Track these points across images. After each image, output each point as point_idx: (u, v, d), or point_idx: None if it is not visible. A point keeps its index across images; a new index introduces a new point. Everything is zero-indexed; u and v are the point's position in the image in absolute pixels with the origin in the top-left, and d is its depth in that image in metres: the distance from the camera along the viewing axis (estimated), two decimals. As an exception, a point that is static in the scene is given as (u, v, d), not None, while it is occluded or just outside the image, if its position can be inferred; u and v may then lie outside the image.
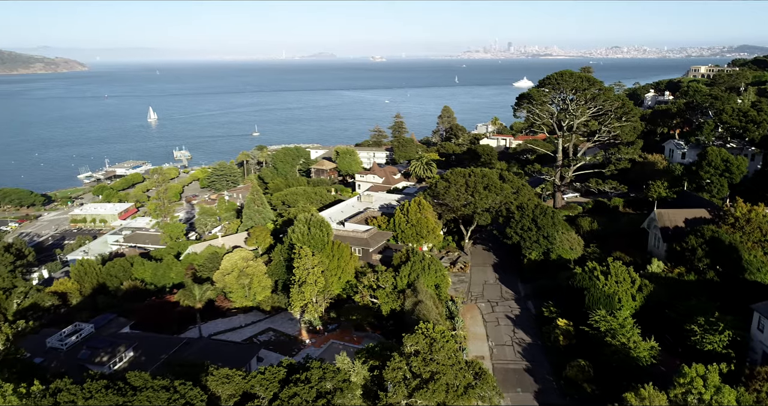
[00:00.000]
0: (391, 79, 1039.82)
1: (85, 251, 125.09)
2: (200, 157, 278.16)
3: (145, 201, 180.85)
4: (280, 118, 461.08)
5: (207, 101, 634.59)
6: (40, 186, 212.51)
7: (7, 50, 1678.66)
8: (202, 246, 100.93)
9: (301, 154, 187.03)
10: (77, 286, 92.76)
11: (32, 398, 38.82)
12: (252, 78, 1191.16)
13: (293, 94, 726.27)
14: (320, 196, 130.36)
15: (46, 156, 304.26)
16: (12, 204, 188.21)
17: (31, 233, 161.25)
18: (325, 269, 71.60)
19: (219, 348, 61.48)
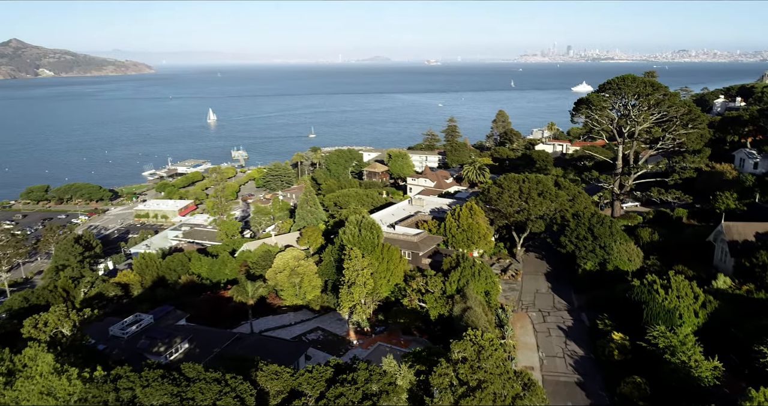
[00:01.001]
0: (445, 82, 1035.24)
1: (147, 244, 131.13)
2: (257, 158, 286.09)
3: (204, 199, 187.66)
4: (334, 120, 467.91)
5: (264, 103, 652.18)
6: (108, 182, 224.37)
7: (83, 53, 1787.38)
8: (256, 244, 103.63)
9: (354, 157, 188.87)
10: (139, 278, 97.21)
11: (95, 383, 40.86)
12: (309, 81, 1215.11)
13: (348, 97, 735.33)
14: (371, 198, 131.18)
15: (114, 154, 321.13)
16: (82, 198, 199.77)
17: (99, 226, 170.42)
18: (375, 271, 71.91)
19: (269, 344, 62.82)
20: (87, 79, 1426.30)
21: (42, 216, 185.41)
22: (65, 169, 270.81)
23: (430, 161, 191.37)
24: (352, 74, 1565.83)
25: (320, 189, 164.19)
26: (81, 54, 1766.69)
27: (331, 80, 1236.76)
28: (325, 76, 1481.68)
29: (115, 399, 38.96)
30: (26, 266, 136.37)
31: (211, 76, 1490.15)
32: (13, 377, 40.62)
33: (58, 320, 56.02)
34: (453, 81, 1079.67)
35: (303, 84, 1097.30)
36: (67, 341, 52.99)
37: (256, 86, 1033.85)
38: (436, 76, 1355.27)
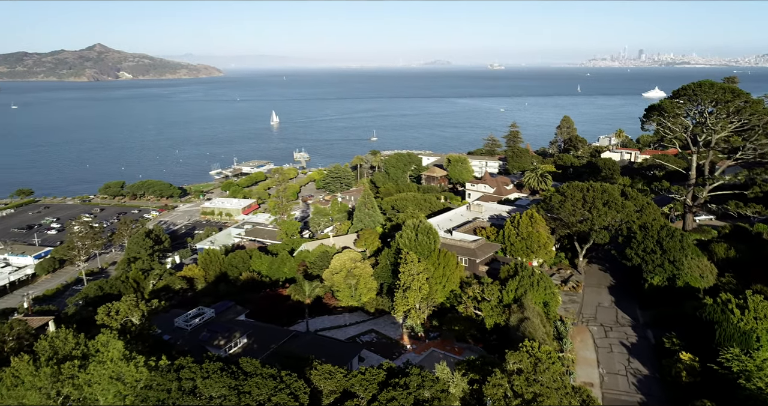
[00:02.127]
0: (508, 87, 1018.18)
1: (211, 241, 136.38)
2: (317, 160, 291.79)
3: (266, 198, 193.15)
4: (394, 124, 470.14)
5: (327, 106, 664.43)
6: (178, 180, 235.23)
7: (158, 57, 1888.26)
8: (314, 244, 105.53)
9: (413, 161, 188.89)
10: (203, 273, 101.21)
11: (159, 371, 42.82)
12: (370, 84, 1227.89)
13: (408, 101, 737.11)
14: (429, 203, 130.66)
15: (184, 153, 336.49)
16: (154, 194, 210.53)
17: (168, 222, 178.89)
18: (430, 276, 71.53)
19: (324, 344, 63.74)
20: (162, 81, 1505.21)
21: (117, 210, 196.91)
22: (139, 166, 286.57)
23: (490, 167, 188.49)
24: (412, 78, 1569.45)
25: (378, 192, 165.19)
26: (157, 58, 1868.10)
27: (391, 84, 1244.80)
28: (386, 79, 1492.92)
29: (177, 388, 40.63)
30: (102, 256, 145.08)
31: (276, 80, 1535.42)
32: (87, 360, 43.27)
33: (129, 309, 59.16)
34: (516, 86, 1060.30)
35: (364, 88, 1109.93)
36: (136, 330, 55.83)
37: (318, 90, 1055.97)
38: (498, 80, 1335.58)
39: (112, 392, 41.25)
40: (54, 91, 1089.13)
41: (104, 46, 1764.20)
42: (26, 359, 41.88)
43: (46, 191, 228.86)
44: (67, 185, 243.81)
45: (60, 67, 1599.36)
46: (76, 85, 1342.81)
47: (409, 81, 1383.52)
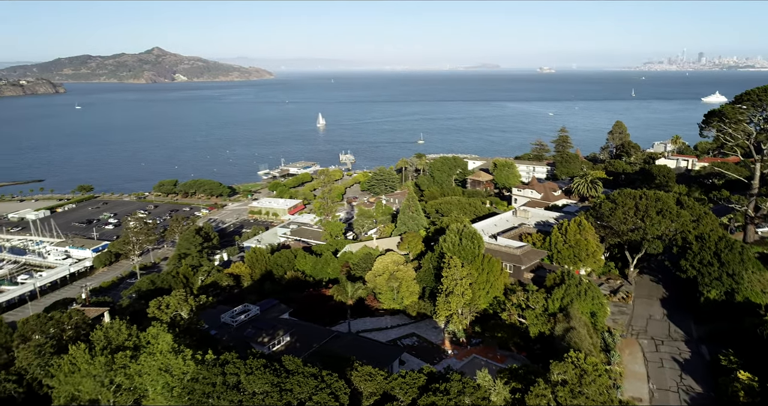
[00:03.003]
0: (558, 91, 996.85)
1: (258, 240, 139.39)
2: (363, 162, 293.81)
3: (312, 199, 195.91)
4: (440, 127, 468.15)
5: (373, 109, 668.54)
6: (228, 179, 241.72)
7: (212, 60, 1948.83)
8: (357, 246, 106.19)
9: (459, 164, 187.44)
10: (249, 271, 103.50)
11: (206, 365, 44.01)
12: (416, 88, 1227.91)
13: (455, 104, 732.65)
14: (474, 207, 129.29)
15: (234, 153, 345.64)
16: (205, 193, 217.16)
17: (217, 220, 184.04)
18: (474, 281, 70.65)
19: (365, 346, 63.93)
20: (215, 83, 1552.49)
21: (170, 208, 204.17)
22: (192, 165, 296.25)
23: (538, 172, 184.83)
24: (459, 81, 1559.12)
25: (423, 195, 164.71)
26: (211, 61, 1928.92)
27: (438, 87, 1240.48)
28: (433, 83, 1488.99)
29: (222, 383, 41.64)
30: (154, 251, 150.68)
31: (324, 82, 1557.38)
32: (138, 351, 44.98)
33: (178, 303, 61.13)
34: (566, 89, 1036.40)
35: (410, 91, 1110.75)
36: (184, 324, 57.59)
37: (365, 92, 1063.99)
38: (548, 84, 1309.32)
39: (160, 383, 42.70)
40: (114, 92, 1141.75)
41: (162, 49, 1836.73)
42: (83, 348, 43.91)
43: (104, 188, 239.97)
44: (123, 182, 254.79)
45: (120, 70, 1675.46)
46: (135, 86, 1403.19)
47: (456, 84, 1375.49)
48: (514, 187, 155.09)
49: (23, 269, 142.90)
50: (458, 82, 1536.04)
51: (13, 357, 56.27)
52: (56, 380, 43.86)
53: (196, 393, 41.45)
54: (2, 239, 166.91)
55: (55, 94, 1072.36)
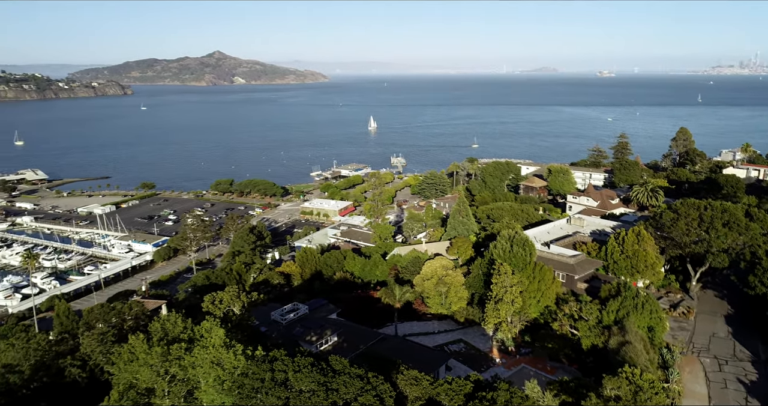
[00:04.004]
0: (618, 95, 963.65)
1: (309, 240, 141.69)
2: (414, 165, 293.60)
3: (362, 201, 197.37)
4: (493, 132, 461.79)
5: (425, 113, 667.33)
6: (281, 180, 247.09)
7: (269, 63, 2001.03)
8: (406, 249, 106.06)
9: (511, 170, 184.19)
10: (299, 270, 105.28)
11: (255, 361, 45.03)
12: (469, 91, 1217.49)
13: (509, 108, 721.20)
14: (527, 214, 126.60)
15: (288, 154, 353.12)
16: (259, 193, 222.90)
17: (270, 219, 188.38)
18: (524, 289, 69.16)
19: (411, 350, 63.70)
20: (271, 86, 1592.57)
21: (225, 206, 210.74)
22: (247, 166, 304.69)
23: (595, 179, 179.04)
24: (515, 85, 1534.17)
25: (474, 200, 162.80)
26: (268, 64, 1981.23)
27: (493, 91, 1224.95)
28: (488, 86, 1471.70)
29: (271, 379, 42.48)
30: (210, 248, 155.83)
31: (378, 86, 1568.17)
32: (192, 344, 46.50)
33: (231, 299, 62.94)
34: (627, 94, 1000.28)
35: (464, 94, 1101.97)
36: (236, 320, 59.20)
37: (417, 95, 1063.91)
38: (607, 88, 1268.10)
39: (212, 376, 43.97)
40: (177, 94, 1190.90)
41: (222, 53, 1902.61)
42: (141, 338, 45.84)
43: (165, 185, 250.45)
44: (183, 181, 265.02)
45: (183, 73, 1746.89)
46: (196, 89, 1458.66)
47: (512, 88, 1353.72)
48: (569, 194, 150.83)
49: (90, 261, 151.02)
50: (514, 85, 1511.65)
51: (78, 343, 59.48)
52: (116, 368, 45.99)
53: (245, 388, 42.48)
54: (72, 232, 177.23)
55: (123, 96, 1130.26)
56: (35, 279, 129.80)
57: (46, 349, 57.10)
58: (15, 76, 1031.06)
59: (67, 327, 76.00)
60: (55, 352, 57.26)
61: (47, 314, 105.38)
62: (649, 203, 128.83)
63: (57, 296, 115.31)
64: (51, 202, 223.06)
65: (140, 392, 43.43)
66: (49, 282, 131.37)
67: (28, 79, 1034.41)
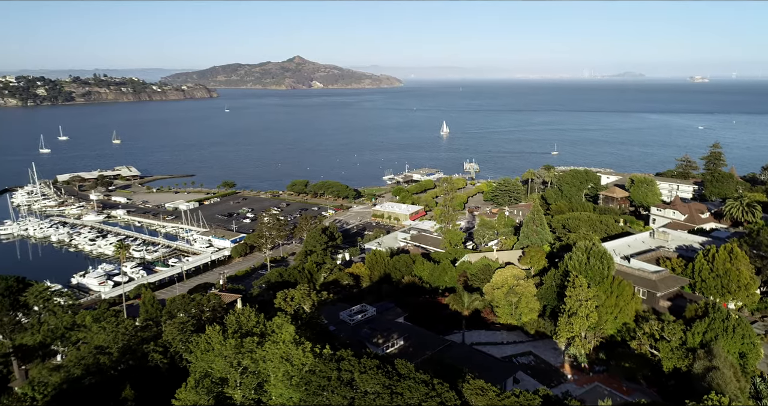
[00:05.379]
0: (711, 102, 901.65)
1: (378, 242, 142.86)
2: (487, 171, 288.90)
3: (433, 206, 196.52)
4: (573, 138, 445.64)
5: (500, 118, 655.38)
6: (354, 182, 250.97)
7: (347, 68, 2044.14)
8: (476, 256, 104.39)
9: (590, 178, 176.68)
10: (368, 272, 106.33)
11: (323, 359, 45.83)
12: (548, 97, 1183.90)
13: (591, 115, 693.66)
14: (605, 225, 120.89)
15: (361, 157, 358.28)
16: (332, 194, 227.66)
17: (342, 221, 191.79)
18: (600, 304, 66.01)
19: (478, 359, 62.48)
20: (347, 90, 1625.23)
21: (300, 206, 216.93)
22: (322, 168, 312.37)
23: (682, 191, 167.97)
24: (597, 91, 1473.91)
25: (549, 209, 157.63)
26: (345, 68, 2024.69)
27: (573, 96, 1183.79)
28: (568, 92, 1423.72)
29: (337, 378, 43.03)
30: (284, 246, 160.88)
31: (453, 90, 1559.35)
32: (264, 339, 48.08)
33: (302, 297, 64.59)
34: (722, 101, 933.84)
35: (542, 100, 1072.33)
36: (306, 317, 60.58)
37: (493, 101, 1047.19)
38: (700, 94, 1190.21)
39: (281, 371, 45.20)
40: (258, 97, 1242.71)
41: (302, 58, 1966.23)
42: (217, 330, 47.97)
43: (244, 185, 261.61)
44: (261, 181, 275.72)
45: (265, 77, 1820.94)
46: (276, 92, 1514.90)
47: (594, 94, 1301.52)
48: (653, 206, 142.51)
49: (174, 253, 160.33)
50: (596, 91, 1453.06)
51: (161, 331, 63.19)
52: (193, 356, 48.41)
53: (312, 384, 43.31)
54: (159, 226, 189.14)
55: (209, 99, 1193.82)
56: (125, 268, 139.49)
57: (133, 334, 61.10)
58: (115, 80, 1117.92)
59: (151, 315, 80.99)
60: (140, 337, 61.11)
61: (134, 301, 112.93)
62: (744, 218, 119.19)
63: (144, 285, 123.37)
64: (142, 197, 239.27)
65: (214, 381, 45.40)
66: (138, 272, 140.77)
67: (126, 82, 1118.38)
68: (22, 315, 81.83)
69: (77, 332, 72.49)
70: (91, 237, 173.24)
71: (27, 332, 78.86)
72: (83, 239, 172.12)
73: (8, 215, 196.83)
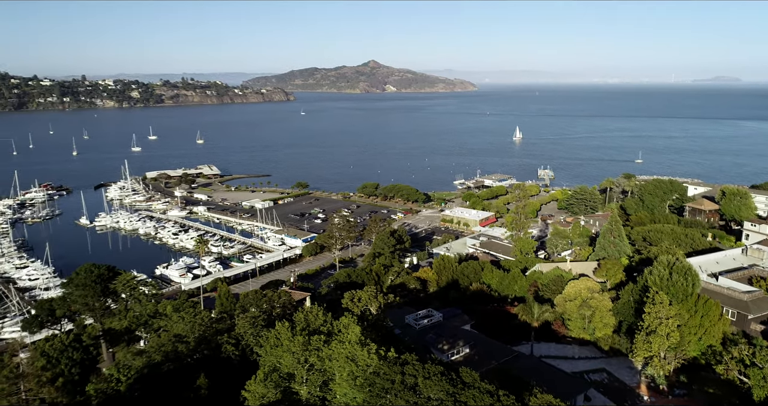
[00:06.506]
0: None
1: (447, 248, 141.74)
2: (562, 179, 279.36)
3: (504, 213, 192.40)
4: (656, 146, 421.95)
5: (578, 124, 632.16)
6: (424, 186, 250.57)
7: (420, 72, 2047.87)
8: (548, 266, 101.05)
9: (675, 189, 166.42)
10: (436, 277, 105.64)
11: (387, 361, 45.92)
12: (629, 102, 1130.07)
13: (676, 121, 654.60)
14: (691, 239, 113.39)
15: (432, 161, 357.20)
16: (402, 198, 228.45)
17: (411, 224, 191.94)
18: (683, 324, 61.87)
19: (547, 372, 60.38)
20: (420, 94, 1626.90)
21: (370, 208, 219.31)
22: (392, 171, 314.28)
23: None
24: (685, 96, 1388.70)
25: (628, 220, 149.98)
26: (419, 73, 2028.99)
27: (657, 102, 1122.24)
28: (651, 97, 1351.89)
29: (401, 382, 42.96)
30: (353, 248, 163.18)
31: (528, 95, 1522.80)
32: (330, 338, 48.90)
33: (369, 299, 65.08)
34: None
35: (623, 105, 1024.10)
36: (372, 319, 61.01)
37: (570, 106, 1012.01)
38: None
39: (346, 371, 45.75)
40: (333, 101, 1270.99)
41: (377, 62, 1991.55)
42: (286, 326, 49.31)
43: (317, 186, 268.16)
44: (332, 182, 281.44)
45: (340, 81, 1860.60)
46: (350, 96, 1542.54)
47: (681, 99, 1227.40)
48: (746, 221, 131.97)
49: (248, 250, 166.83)
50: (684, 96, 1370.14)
51: (234, 324, 65.84)
52: (263, 350, 50.03)
53: (376, 386, 43.48)
54: (236, 223, 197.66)
55: (286, 102, 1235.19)
56: (204, 262, 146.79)
57: (208, 325, 64.10)
58: (200, 83, 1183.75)
59: (226, 308, 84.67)
60: (215, 329, 63.98)
61: (211, 294, 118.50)
62: None
63: (220, 279, 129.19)
64: (221, 195, 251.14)
65: (282, 376, 46.69)
66: (215, 266, 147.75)
67: (210, 86, 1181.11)
68: (111, 301, 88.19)
69: (159, 320, 77.06)
70: (174, 231, 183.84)
71: (115, 318, 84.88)
72: (167, 232, 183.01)
73: (103, 208, 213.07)
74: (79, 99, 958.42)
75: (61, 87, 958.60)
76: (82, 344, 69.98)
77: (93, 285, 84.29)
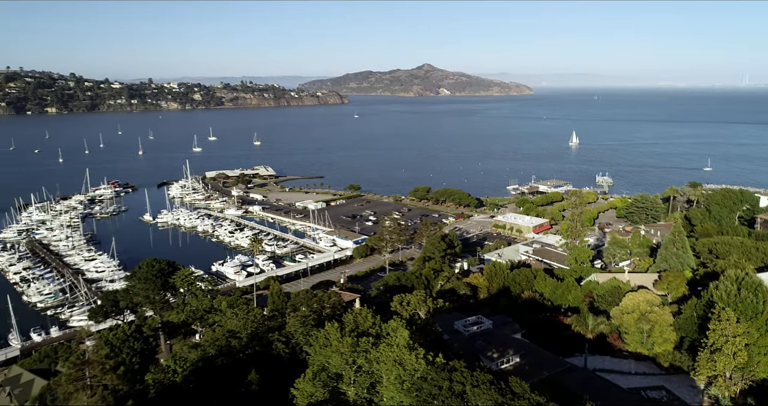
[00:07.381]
0: None
1: (499, 254, 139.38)
2: (622, 186, 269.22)
3: (559, 220, 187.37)
4: (725, 154, 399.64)
5: (641, 129, 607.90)
6: (476, 191, 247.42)
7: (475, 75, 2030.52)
8: (605, 277, 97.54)
9: (746, 199, 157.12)
10: (486, 283, 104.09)
11: (435, 367, 45.53)
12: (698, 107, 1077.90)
13: (750, 127, 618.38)
14: (763, 253, 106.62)
15: (486, 166, 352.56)
16: (453, 202, 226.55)
17: (462, 229, 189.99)
18: (752, 343, 58.14)
19: (601, 387, 58.29)
20: (474, 98, 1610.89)
21: (421, 212, 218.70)
22: (444, 174, 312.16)
23: None
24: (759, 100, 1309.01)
25: (693, 231, 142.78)
26: (473, 76, 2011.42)
27: (727, 107, 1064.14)
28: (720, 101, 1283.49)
29: (448, 388, 42.47)
30: (403, 251, 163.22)
31: (587, 99, 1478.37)
32: (378, 340, 49.01)
33: (418, 303, 64.87)
34: None
35: (691, 110, 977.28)
36: (421, 323, 60.70)
37: (633, 110, 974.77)
38: None
39: (393, 374, 45.69)
40: (386, 104, 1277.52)
41: (431, 65, 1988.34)
42: (336, 327, 49.81)
43: (369, 188, 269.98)
44: (384, 185, 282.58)
45: (394, 84, 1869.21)
46: (404, 99, 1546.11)
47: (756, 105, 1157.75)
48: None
49: (301, 250, 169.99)
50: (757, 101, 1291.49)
51: (285, 322, 67.16)
52: (313, 349, 50.75)
53: (423, 392, 43.19)
54: (289, 223, 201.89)
55: (340, 105, 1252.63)
56: (258, 260, 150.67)
57: (260, 322, 65.68)
58: (258, 86, 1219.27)
59: (277, 306, 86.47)
60: (267, 326, 65.47)
61: (264, 292, 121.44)
62: None
63: (273, 278, 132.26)
64: (276, 195, 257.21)
65: (330, 376, 47.17)
66: (268, 264, 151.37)
67: (267, 89, 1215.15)
68: (170, 295, 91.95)
69: (214, 315, 79.68)
70: (231, 230, 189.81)
71: (173, 311, 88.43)
72: (224, 230, 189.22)
73: (165, 206, 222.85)
74: (145, 101, 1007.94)
75: (130, 89, 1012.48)
76: (142, 335, 73.33)
77: (154, 279, 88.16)
